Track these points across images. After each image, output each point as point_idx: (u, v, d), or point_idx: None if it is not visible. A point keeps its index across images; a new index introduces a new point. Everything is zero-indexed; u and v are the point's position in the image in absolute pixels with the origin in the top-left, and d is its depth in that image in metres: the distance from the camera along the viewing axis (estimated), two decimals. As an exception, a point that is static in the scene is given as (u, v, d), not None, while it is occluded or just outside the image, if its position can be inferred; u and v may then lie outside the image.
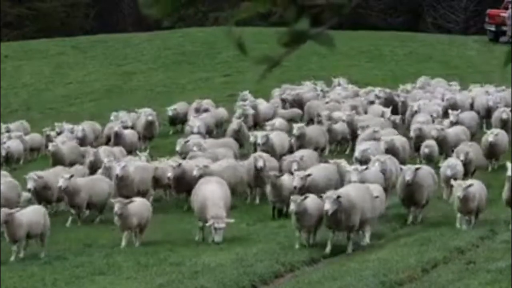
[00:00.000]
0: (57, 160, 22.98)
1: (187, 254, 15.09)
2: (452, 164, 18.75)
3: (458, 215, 16.07)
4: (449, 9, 62.80)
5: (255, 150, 22.27)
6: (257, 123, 27.90)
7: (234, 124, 25.46)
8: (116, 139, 25.15)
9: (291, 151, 22.98)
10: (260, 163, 19.45)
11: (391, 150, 20.55)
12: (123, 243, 15.94)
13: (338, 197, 14.58)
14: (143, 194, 19.09)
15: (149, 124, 26.80)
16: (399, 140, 21.78)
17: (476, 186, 16.20)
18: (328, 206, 14.45)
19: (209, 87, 40.05)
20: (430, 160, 21.23)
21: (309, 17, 3.57)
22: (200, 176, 18.06)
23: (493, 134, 22.18)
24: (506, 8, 46.21)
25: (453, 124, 24.19)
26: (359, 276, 12.51)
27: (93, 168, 21.27)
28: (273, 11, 3.69)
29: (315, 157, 21.14)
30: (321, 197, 14.99)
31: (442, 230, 15.66)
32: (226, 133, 25.76)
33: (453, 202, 16.40)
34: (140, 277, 13.49)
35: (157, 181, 20.17)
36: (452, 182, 16.84)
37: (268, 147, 22.15)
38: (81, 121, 29.62)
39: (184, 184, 19.24)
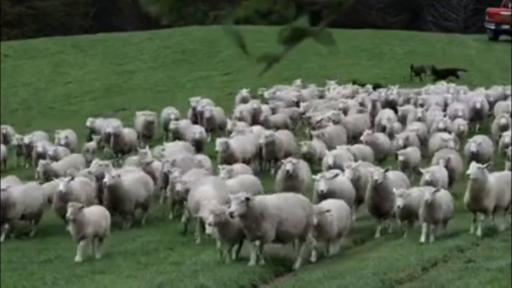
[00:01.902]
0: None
1: (187, 253, 15.09)
2: (432, 170, 17.46)
3: (424, 226, 14.83)
4: (449, 8, 62.81)
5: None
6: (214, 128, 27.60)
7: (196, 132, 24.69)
8: (116, 139, 25.32)
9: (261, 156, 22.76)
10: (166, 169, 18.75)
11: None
12: (78, 256, 14.74)
13: (247, 199, 13.36)
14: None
15: (148, 124, 26.96)
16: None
17: (444, 193, 15.32)
18: (233, 208, 13.31)
19: (209, 85, 40.05)
20: (406, 167, 20.35)
21: (308, 15, 3.57)
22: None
23: (476, 143, 21.09)
24: (506, 7, 46.18)
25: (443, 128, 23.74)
26: (359, 275, 12.50)
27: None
28: (273, 10, 3.69)
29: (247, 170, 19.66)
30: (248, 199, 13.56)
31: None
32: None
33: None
34: (140, 276, 13.49)
35: None
36: (421, 188, 15.72)
37: (227, 154, 21.38)
38: (80, 120, 29.61)
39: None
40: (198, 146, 23.69)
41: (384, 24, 59.36)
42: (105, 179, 17.57)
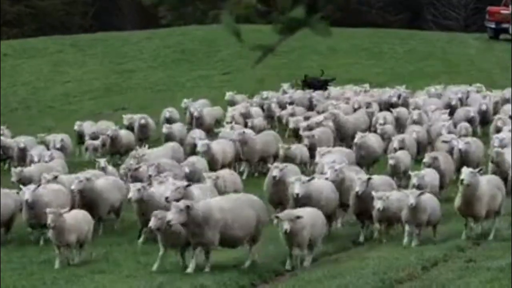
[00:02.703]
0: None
1: (187, 253, 15.06)
2: (420, 174, 16.71)
3: (407, 228, 14.56)
4: (449, 7, 62.80)
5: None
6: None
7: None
8: (113, 141, 25.59)
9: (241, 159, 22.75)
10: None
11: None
12: (57, 263, 14.26)
13: (188, 207, 12.87)
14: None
15: (142, 127, 27.21)
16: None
17: (429, 197, 14.90)
18: (170, 216, 12.82)
19: (209, 85, 40.05)
20: (396, 171, 19.81)
21: (304, 5, 3.55)
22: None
23: (463, 142, 20.30)
24: (506, 6, 46.15)
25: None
26: (359, 274, 12.48)
27: None
28: (272, 8, 3.67)
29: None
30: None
31: (441, 228, 15.62)
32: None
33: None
34: (140, 275, 13.46)
35: None
36: (406, 191, 15.36)
37: (208, 156, 21.33)
38: (80, 119, 29.56)
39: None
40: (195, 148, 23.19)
41: (384, 23, 59.34)
42: (72, 187, 16.76)
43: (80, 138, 27.34)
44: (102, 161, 20.40)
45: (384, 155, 22.34)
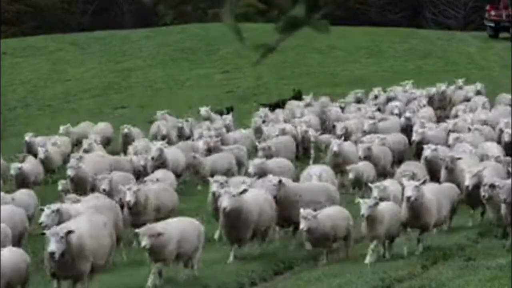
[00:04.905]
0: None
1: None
2: (381, 185, 15.32)
3: (371, 246, 13.49)
4: (449, 5, 62.79)
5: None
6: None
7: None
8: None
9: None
10: (103, 186, 17.34)
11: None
12: None
13: (69, 232, 11.55)
14: None
15: (125, 137, 25.37)
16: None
17: (386, 208, 13.79)
18: (52, 247, 11.45)
19: (208, 83, 40.01)
20: (358, 184, 18.57)
21: (304, 4, 3.53)
22: None
23: (430, 149, 18.97)
24: (505, 7, 46.14)
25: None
26: (359, 273, 12.48)
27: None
28: (272, 7, 3.65)
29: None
30: None
31: (440, 228, 15.59)
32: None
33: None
34: (140, 274, 13.45)
35: None
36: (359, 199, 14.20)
37: (161, 162, 20.49)
38: (80, 118, 29.54)
39: None
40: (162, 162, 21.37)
41: (384, 21, 59.31)
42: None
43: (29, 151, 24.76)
44: None
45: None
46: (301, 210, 13.61)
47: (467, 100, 28.38)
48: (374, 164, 19.59)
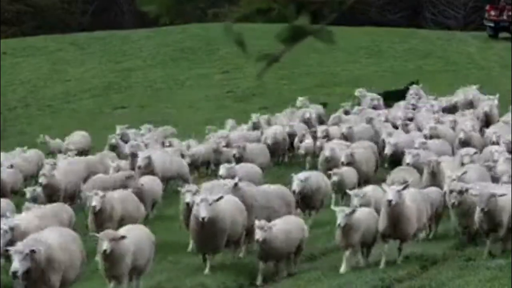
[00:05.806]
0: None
1: (186, 252, 15.06)
2: (361, 193, 14.74)
3: (346, 254, 13.00)
4: (449, 5, 62.80)
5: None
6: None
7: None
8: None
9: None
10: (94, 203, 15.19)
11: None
12: None
13: (33, 251, 10.72)
14: None
15: (112, 148, 24.74)
16: None
17: (363, 213, 13.36)
18: (15, 266, 10.67)
19: (208, 83, 40.02)
20: (340, 189, 18.10)
21: (308, 14, 3.53)
22: None
23: (411, 155, 18.71)
24: (504, 8, 46.14)
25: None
26: (358, 273, 12.48)
27: None
28: (272, 7, 3.65)
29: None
30: None
31: (441, 227, 15.60)
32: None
33: None
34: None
35: None
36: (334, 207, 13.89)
37: (149, 170, 19.86)
38: (79, 118, 29.56)
39: None
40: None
41: (384, 21, 59.32)
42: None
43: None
44: None
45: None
46: (256, 221, 12.99)
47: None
48: (357, 170, 19.40)
